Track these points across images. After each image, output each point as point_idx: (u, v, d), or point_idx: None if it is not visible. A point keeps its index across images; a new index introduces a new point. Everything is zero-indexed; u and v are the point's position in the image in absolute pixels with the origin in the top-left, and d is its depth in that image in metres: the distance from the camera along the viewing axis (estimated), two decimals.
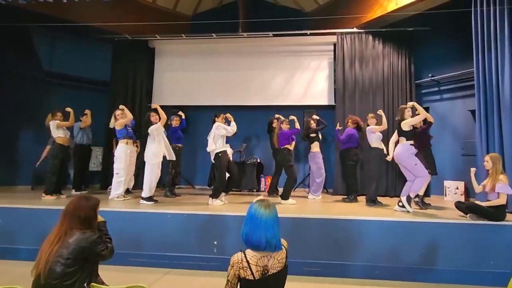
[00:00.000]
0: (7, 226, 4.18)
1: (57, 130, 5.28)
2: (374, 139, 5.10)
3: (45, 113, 5.55)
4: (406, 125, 4.38)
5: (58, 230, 1.99)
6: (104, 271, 2.50)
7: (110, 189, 6.37)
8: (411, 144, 4.39)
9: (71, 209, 2.05)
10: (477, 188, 4.07)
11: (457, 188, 5.91)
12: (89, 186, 6.80)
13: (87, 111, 6.02)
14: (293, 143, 6.06)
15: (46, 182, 5.23)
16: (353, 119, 5.70)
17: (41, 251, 1.95)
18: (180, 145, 5.92)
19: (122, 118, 5.22)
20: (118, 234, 3.92)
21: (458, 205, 4.18)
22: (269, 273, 1.75)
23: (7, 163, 6.59)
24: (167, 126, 5.70)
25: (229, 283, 1.79)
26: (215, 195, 4.82)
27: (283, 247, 1.84)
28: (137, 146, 5.96)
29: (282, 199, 5.07)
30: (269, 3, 8.24)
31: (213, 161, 5.01)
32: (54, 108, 5.50)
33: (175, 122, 6.02)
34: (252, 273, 1.73)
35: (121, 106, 5.32)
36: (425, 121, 4.83)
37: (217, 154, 4.89)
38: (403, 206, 4.38)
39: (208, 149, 4.92)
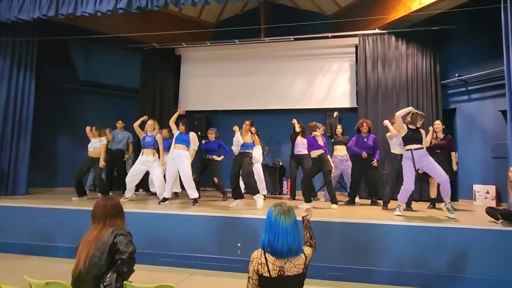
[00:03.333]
0: (48, 226, 4.50)
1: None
2: (397, 145, 4.96)
3: (82, 120, 5.97)
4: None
5: (99, 231, 2.14)
6: (136, 269, 2.65)
7: (139, 191, 6.71)
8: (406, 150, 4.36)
9: (110, 210, 2.21)
10: None
11: (488, 193, 5.67)
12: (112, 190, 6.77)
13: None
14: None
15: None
16: (368, 123, 5.62)
17: (80, 251, 2.10)
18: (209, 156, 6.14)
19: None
20: (147, 234, 4.18)
21: (489, 210, 4.02)
22: (285, 274, 1.80)
23: (48, 167, 7.12)
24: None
25: (250, 279, 1.83)
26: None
27: (302, 253, 1.87)
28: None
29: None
30: (290, 8, 8.31)
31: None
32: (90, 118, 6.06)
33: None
34: (269, 270, 1.79)
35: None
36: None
37: None
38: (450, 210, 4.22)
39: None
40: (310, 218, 2.21)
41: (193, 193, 5.13)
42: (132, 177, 5.51)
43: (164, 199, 5.17)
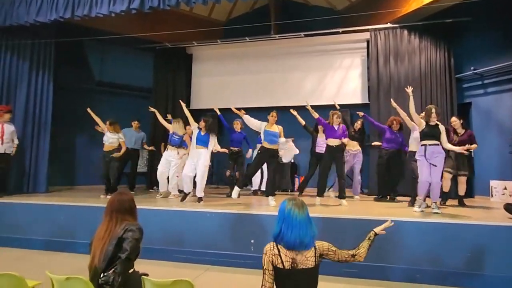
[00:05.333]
0: (68, 222, 4.65)
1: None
2: (415, 142, 4.87)
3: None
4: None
5: (107, 226, 2.18)
6: (151, 265, 2.71)
7: (154, 189, 6.83)
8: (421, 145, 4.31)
9: (117, 205, 2.23)
10: None
11: (505, 189, 5.54)
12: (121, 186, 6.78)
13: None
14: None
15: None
16: (398, 120, 5.53)
17: (94, 247, 2.16)
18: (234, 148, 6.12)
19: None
20: (163, 231, 4.27)
21: (508, 207, 3.94)
22: (298, 267, 1.83)
23: (66, 166, 7.34)
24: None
25: (266, 271, 1.85)
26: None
27: (313, 247, 1.89)
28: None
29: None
30: (300, 4, 8.26)
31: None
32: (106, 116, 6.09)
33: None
34: (282, 262, 1.82)
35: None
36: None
37: None
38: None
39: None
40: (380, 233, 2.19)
41: (201, 191, 5.17)
42: (162, 173, 5.73)
43: (185, 196, 5.30)
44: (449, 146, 4.33)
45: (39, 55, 6.43)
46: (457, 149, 4.39)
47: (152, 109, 6.16)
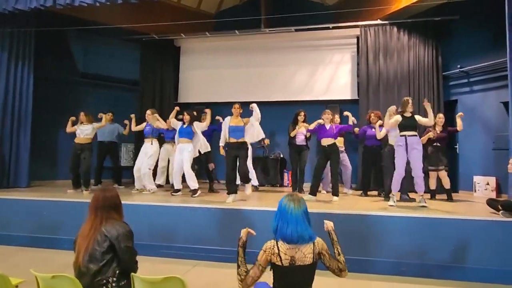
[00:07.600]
0: (51, 218, 4.53)
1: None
2: (394, 137, 4.91)
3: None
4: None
5: (92, 223, 2.10)
6: (139, 261, 2.63)
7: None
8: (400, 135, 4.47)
9: (101, 202, 2.14)
10: None
11: (488, 184, 5.70)
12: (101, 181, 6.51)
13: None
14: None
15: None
16: (376, 113, 5.64)
17: (79, 246, 2.08)
18: None
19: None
20: (151, 226, 4.20)
21: (490, 202, 4.05)
22: (296, 264, 1.86)
23: (48, 160, 7.10)
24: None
25: (260, 266, 1.91)
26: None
27: (312, 243, 1.91)
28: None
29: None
30: None
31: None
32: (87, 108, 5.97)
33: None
34: (281, 260, 1.86)
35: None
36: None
37: None
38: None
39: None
40: (329, 229, 2.17)
41: (193, 183, 5.12)
42: (138, 169, 5.66)
43: (176, 191, 5.28)
44: (427, 121, 4.54)
45: (18, 45, 6.16)
46: (430, 117, 4.50)
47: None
